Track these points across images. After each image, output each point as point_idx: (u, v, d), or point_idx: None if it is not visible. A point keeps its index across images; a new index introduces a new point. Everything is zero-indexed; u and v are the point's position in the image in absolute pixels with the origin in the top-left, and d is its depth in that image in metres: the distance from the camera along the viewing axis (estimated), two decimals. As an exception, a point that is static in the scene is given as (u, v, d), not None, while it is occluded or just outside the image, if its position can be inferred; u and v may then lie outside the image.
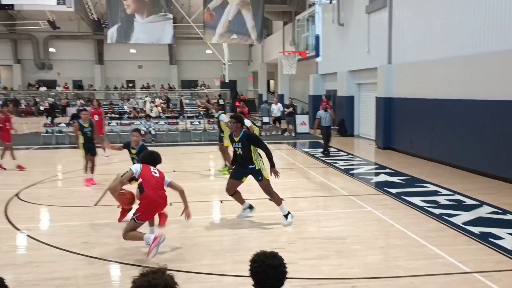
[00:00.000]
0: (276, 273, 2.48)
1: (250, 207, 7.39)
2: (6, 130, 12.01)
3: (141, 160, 5.99)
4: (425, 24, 13.38)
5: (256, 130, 13.03)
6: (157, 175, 5.76)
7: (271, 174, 6.94)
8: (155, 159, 6.00)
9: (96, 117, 13.55)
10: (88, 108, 14.48)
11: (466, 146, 11.32)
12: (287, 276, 2.54)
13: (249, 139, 6.95)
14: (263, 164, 7.04)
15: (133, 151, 7.66)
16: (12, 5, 23.59)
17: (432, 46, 13.02)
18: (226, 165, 11.52)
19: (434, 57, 12.92)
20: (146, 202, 5.59)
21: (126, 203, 5.99)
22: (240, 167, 7.08)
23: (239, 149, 6.97)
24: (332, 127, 13.87)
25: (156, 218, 6.14)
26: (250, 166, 6.95)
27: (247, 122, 12.67)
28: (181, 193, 5.91)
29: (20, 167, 11.79)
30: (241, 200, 7.33)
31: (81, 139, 9.92)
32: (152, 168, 5.79)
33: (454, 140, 11.84)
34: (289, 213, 7.09)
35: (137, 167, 5.73)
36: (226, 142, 11.41)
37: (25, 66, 41.07)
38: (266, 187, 7.03)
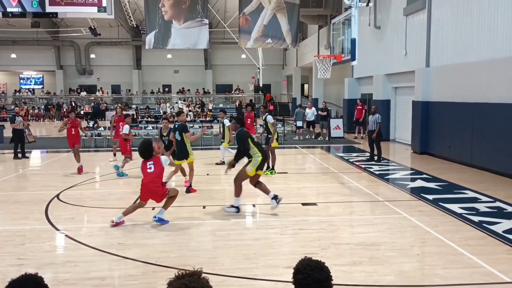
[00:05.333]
0: (320, 287, 2.32)
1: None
2: (71, 136, 12.35)
3: None
4: (467, 25, 12.99)
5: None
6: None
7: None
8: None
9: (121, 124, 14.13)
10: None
11: (509, 151, 10.89)
12: None
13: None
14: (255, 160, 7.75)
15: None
16: (56, 13, 24.59)
17: (475, 48, 12.62)
18: (269, 167, 11.56)
19: (476, 59, 12.51)
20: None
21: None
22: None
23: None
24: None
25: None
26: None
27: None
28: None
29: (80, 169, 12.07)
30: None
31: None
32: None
33: (496, 146, 11.42)
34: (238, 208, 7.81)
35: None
36: (274, 143, 11.51)
37: (67, 72, 42.57)
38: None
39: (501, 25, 11.43)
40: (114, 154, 14.40)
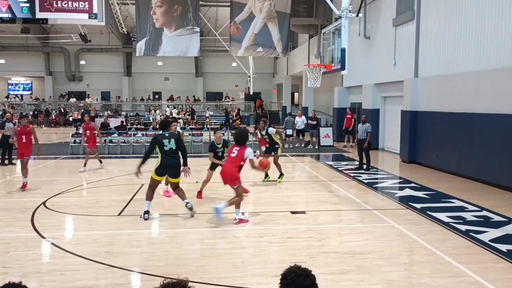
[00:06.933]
0: None
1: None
2: (20, 145, 10.86)
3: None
4: (455, 37, 13.16)
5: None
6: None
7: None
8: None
9: (88, 133, 13.94)
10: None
11: (496, 161, 11.03)
12: None
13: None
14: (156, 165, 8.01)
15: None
16: (46, 20, 24.41)
17: (462, 59, 12.79)
18: (267, 175, 11.96)
19: (463, 70, 12.68)
20: None
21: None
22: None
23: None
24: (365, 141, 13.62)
25: None
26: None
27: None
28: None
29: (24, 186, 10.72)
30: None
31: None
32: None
33: (483, 155, 11.55)
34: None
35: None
36: (280, 151, 12.03)
37: (57, 78, 42.29)
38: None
39: (489, 37, 11.60)
40: (85, 164, 13.61)
